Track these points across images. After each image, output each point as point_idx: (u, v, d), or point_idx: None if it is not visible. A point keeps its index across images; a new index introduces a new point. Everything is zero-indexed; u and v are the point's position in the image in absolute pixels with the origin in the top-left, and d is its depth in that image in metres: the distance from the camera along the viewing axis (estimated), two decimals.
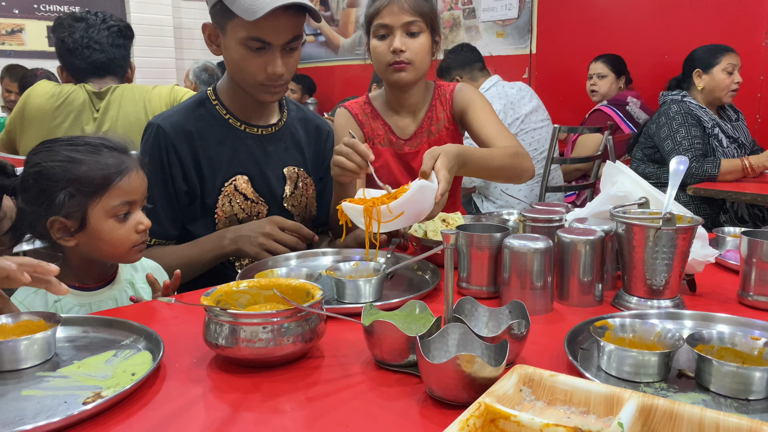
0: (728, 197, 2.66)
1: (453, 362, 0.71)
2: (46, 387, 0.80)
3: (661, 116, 2.90)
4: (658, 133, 2.88)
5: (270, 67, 1.36)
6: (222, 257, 1.41)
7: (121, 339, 0.94)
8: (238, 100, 1.49)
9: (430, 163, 1.24)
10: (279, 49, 1.35)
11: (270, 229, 1.37)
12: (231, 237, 1.39)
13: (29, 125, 2.16)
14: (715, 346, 0.82)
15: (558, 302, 1.10)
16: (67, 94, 2.13)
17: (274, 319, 0.83)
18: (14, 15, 5.76)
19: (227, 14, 1.32)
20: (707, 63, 2.91)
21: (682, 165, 1.09)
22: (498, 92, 3.23)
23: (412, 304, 0.93)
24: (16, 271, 0.85)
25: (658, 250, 1.01)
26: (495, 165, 1.52)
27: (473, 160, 1.41)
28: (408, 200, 1.15)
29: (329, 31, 6.46)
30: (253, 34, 1.32)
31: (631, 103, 3.59)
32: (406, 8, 1.61)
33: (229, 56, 1.39)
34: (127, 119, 2.12)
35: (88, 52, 2.11)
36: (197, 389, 0.80)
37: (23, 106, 2.18)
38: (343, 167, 1.30)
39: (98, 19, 2.14)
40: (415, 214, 1.18)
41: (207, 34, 1.43)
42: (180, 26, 6.57)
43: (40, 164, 1.07)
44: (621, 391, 0.67)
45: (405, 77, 1.65)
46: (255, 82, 1.39)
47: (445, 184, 1.22)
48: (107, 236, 1.09)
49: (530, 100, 3.26)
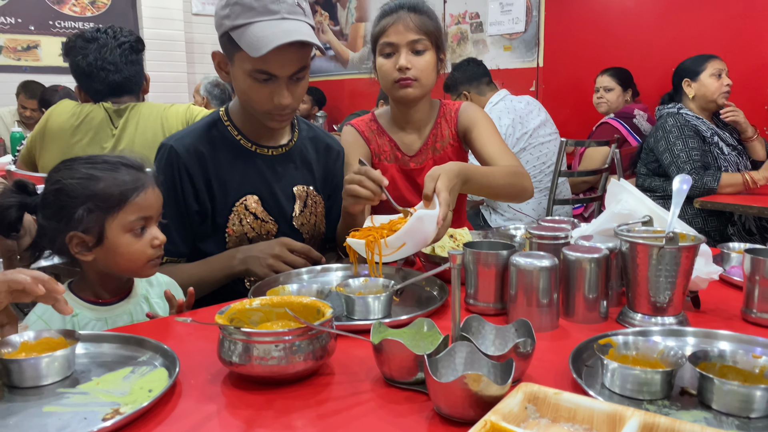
0: (735, 210, 2.66)
1: (460, 381, 0.73)
2: (67, 403, 0.83)
3: (658, 130, 2.92)
4: (657, 146, 2.91)
5: (276, 98, 1.38)
6: (231, 276, 1.44)
7: (138, 356, 0.97)
8: (248, 123, 1.52)
9: (431, 185, 1.26)
10: (285, 80, 1.37)
11: (279, 251, 1.40)
12: (240, 257, 1.42)
13: (49, 143, 2.20)
14: (717, 365, 0.84)
15: (564, 319, 1.12)
16: (87, 113, 2.17)
17: (286, 338, 0.85)
18: (30, 31, 5.86)
19: (234, 46, 1.34)
20: (693, 71, 2.95)
21: (686, 184, 1.11)
22: (506, 107, 3.25)
23: (420, 322, 0.95)
24: (31, 284, 0.88)
25: (662, 268, 1.03)
26: (496, 183, 1.55)
27: (475, 178, 1.44)
28: (407, 232, 1.18)
29: (338, 45, 6.53)
30: (258, 67, 1.34)
31: (638, 115, 3.61)
32: (411, 27, 1.65)
33: (237, 85, 1.42)
34: (145, 137, 2.15)
35: (104, 74, 2.14)
36: (212, 406, 0.83)
37: (44, 124, 2.22)
38: (357, 195, 1.31)
39: (109, 37, 2.16)
40: (417, 243, 1.21)
41: (217, 61, 1.47)
42: (192, 41, 6.66)
43: (60, 181, 1.11)
44: (623, 409, 0.69)
45: (411, 93, 1.68)
46: (262, 111, 1.42)
47: (446, 206, 1.24)
48: (124, 250, 1.13)
49: (538, 114, 3.28)
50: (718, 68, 2.92)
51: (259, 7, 1.31)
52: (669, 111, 2.96)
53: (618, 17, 4.20)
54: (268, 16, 1.31)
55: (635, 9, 4.11)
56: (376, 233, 1.22)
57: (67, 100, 2.25)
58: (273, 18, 1.32)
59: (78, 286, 1.19)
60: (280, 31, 1.30)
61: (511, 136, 3.15)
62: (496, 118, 3.16)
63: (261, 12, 1.31)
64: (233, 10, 1.33)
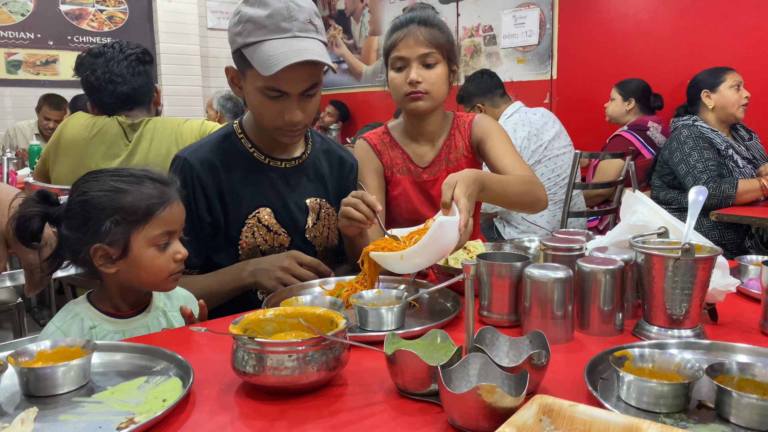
0: (752, 223, 2.63)
1: (474, 392, 0.73)
2: (82, 412, 0.83)
3: (672, 142, 2.91)
4: (672, 158, 2.89)
5: (288, 115, 1.39)
6: (241, 289, 1.44)
7: (153, 365, 0.97)
8: (262, 136, 1.53)
9: (449, 193, 1.26)
10: (296, 97, 1.38)
11: (288, 264, 1.39)
12: (250, 270, 1.42)
13: (63, 155, 2.22)
14: (735, 377, 0.82)
15: (579, 331, 1.11)
16: (101, 125, 2.18)
17: (300, 348, 0.85)
18: (49, 46, 5.97)
19: (247, 62, 1.36)
20: (712, 83, 2.94)
21: (701, 195, 1.10)
22: (521, 119, 3.25)
23: (433, 333, 0.95)
24: None
25: (678, 280, 1.02)
26: (511, 191, 1.55)
27: (491, 185, 1.44)
28: (430, 239, 1.17)
29: (352, 58, 6.58)
30: (270, 84, 1.35)
31: (652, 128, 3.59)
32: (421, 41, 1.65)
33: (250, 100, 1.44)
34: (159, 152, 2.17)
35: (112, 86, 2.16)
36: (225, 416, 0.83)
37: (58, 136, 2.25)
38: (350, 217, 1.35)
39: (116, 51, 2.18)
40: (440, 251, 1.20)
41: (230, 76, 1.48)
42: (207, 55, 6.75)
43: (88, 193, 1.12)
44: (639, 422, 0.68)
45: (422, 106, 1.69)
46: (274, 127, 1.43)
47: (467, 212, 1.24)
48: (147, 264, 1.13)
49: (552, 126, 3.27)
50: (736, 80, 2.92)
51: (271, 25, 1.32)
52: (684, 123, 2.95)
53: (631, 29, 4.20)
54: (280, 34, 1.32)
55: (649, 21, 4.11)
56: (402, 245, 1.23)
57: (81, 113, 2.28)
58: (284, 36, 1.32)
59: (97, 297, 1.19)
60: (291, 50, 1.31)
61: (527, 149, 3.15)
62: (512, 130, 3.16)
63: (273, 30, 1.32)
64: (245, 27, 1.34)
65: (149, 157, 2.15)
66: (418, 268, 1.22)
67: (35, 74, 5.92)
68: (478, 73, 3.68)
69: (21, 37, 5.85)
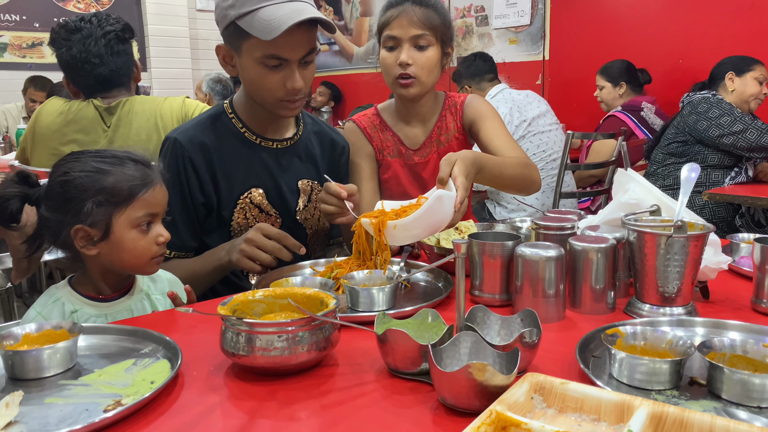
0: (743, 202, 2.64)
1: (465, 370, 0.72)
2: (69, 395, 0.82)
3: (692, 114, 2.87)
4: (696, 127, 2.85)
5: (289, 83, 1.37)
6: (220, 269, 1.41)
7: (141, 348, 0.96)
8: (254, 115, 1.51)
9: (447, 169, 1.25)
10: (296, 63, 1.37)
11: (252, 235, 1.34)
12: (227, 248, 1.39)
13: (39, 142, 2.11)
14: (726, 354, 0.82)
15: (570, 310, 1.11)
16: (75, 111, 2.06)
17: (289, 328, 0.84)
18: (35, 28, 5.88)
19: (242, 35, 1.34)
20: (741, 68, 2.95)
21: (694, 172, 1.10)
22: (504, 97, 3.29)
23: (424, 313, 0.94)
24: None
25: (670, 257, 1.02)
26: (508, 174, 1.53)
27: (488, 167, 1.43)
28: (426, 212, 1.16)
29: (343, 40, 6.51)
30: (270, 52, 1.33)
31: (646, 108, 3.58)
32: (415, 21, 1.61)
33: (247, 75, 1.41)
34: (139, 136, 2.04)
35: (89, 67, 2.00)
36: (214, 397, 0.82)
37: (33, 124, 2.13)
38: (325, 212, 1.38)
39: (93, 27, 1.99)
40: (434, 225, 1.19)
41: (222, 55, 1.45)
42: (196, 37, 6.67)
43: (69, 173, 1.10)
44: (632, 399, 0.68)
45: (411, 92, 1.67)
46: (274, 99, 1.41)
47: (464, 191, 1.23)
48: (129, 246, 1.12)
49: (538, 105, 3.29)
50: (763, 74, 2.94)
51: None
52: (703, 96, 2.92)
53: (624, 9, 4.17)
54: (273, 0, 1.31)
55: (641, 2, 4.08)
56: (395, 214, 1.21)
57: (56, 98, 2.14)
58: (278, 1, 1.31)
59: (78, 281, 1.17)
60: (291, 11, 1.30)
61: (509, 124, 3.17)
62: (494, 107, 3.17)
63: None
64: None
65: (129, 142, 2.02)
66: (410, 240, 1.21)
67: (21, 57, 5.83)
68: (472, 56, 3.70)
69: (6, 19, 5.76)
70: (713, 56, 3.15)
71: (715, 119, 2.78)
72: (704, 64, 3.19)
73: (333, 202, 1.36)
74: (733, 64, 2.98)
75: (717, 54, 3.15)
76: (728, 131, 2.74)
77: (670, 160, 2.99)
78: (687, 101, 3.00)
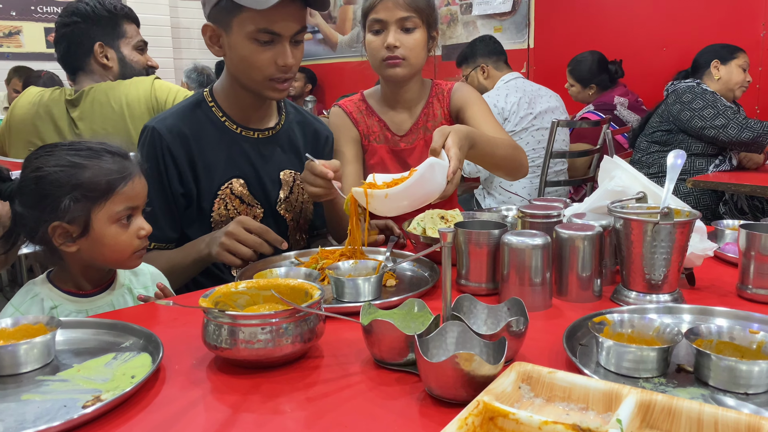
0: (727, 189, 2.66)
1: (451, 361, 0.71)
2: (46, 391, 0.80)
3: (675, 103, 2.88)
4: (679, 117, 2.86)
5: (281, 59, 1.36)
6: (200, 262, 1.38)
7: (121, 341, 0.94)
8: (236, 103, 1.48)
9: (440, 140, 1.25)
10: (288, 40, 1.36)
11: (233, 229, 1.31)
12: (207, 240, 1.36)
13: (15, 136, 2.04)
14: (713, 341, 0.82)
15: (557, 298, 1.10)
16: (47, 100, 1.98)
17: (273, 320, 0.83)
18: (11, 17, 5.75)
19: (233, 10, 1.32)
20: (725, 56, 2.96)
21: (680, 159, 1.09)
22: (516, 85, 3.24)
23: (410, 303, 0.93)
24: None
25: (656, 244, 1.01)
26: (499, 153, 1.55)
27: (481, 144, 1.43)
28: (418, 180, 1.15)
29: (327, 28, 6.45)
30: (262, 26, 1.32)
31: (619, 105, 3.57)
32: (400, 3, 1.61)
33: (236, 54, 1.38)
34: (105, 129, 1.93)
35: (56, 52, 1.96)
36: (197, 391, 0.80)
37: (9, 117, 2.07)
38: (311, 194, 1.36)
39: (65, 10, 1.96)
40: (425, 195, 1.19)
41: (208, 35, 1.42)
42: (178, 26, 6.57)
43: (42, 168, 1.06)
44: (620, 387, 0.67)
45: (399, 72, 1.65)
46: (263, 78, 1.38)
47: (457, 161, 1.23)
48: (110, 242, 1.09)
49: (548, 101, 3.24)
50: (746, 62, 2.96)
51: None
52: (688, 85, 2.92)
53: None
54: None
55: None
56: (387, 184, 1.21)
57: (32, 88, 2.07)
58: None
59: (58, 276, 1.14)
60: None
61: (516, 114, 3.13)
62: (504, 94, 3.17)
63: None
64: None
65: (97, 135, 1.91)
66: (400, 211, 1.21)
67: None
68: (486, 36, 3.64)
69: None
70: (697, 44, 3.15)
71: (699, 111, 2.79)
72: (688, 52, 3.19)
73: (319, 184, 1.33)
74: (717, 52, 2.99)
75: (700, 42, 3.16)
76: (710, 124, 2.76)
77: (654, 148, 3.01)
78: (672, 89, 3.00)
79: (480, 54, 3.51)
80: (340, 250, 1.30)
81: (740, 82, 2.95)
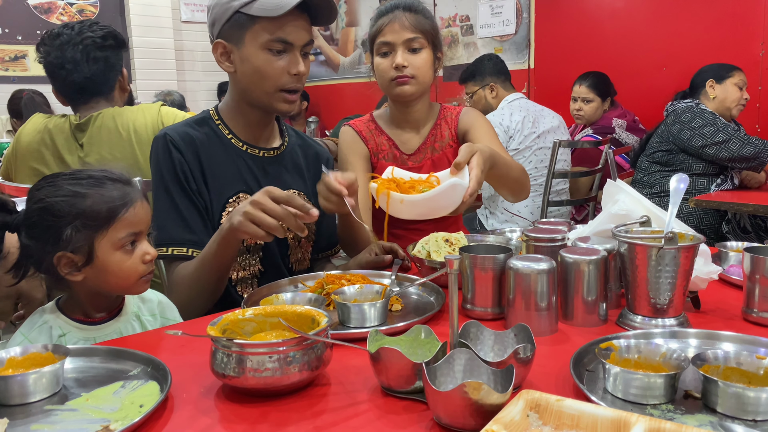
0: (730, 209, 2.66)
1: (460, 389, 0.71)
2: (55, 421, 0.80)
3: (675, 124, 2.91)
4: (679, 136, 2.88)
5: (293, 67, 1.42)
6: (223, 244, 1.30)
7: (129, 369, 0.94)
8: (241, 121, 1.51)
9: (467, 157, 1.28)
10: (299, 50, 1.42)
11: (259, 197, 1.21)
12: (228, 218, 1.28)
13: (21, 164, 2.03)
14: (720, 366, 0.82)
15: (562, 322, 1.10)
16: (52, 127, 1.97)
17: (280, 348, 0.83)
18: (17, 41, 5.82)
19: (246, 23, 1.38)
20: (721, 75, 2.99)
21: (683, 183, 1.10)
22: (520, 105, 3.29)
23: (417, 329, 0.93)
24: None
25: (661, 269, 1.02)
26: (512, 176, 1.59)
27: (498, 165, 1.46)
28: (437, 195, 1.20)
29: (329, 50, 6.52)
30: (276, 35, 1.38)
31: (617, 127, 3.60)
32: (407, 26, 1.68)
33: (249, 66, 1.42)
34: (113, 155, 1.92)
35: (64, 73, 1.92)
36: (205, 420, 0.80)
37: (16, 144, 2.06)
38: (325, 208, 1.36)
39: (73, 33, 1.91)
40: (439, 209, 1.23)
41: (219, 52, 1.45)
42: (182, 48, 6.64)
43: (44, 200, 1.07)
44: (628, 416, 0.67)
45: (408, 90, 1.70)
46: (275, 88, 1.43)
47: (476, 184, 1.26)
48: (115, 269, 1.09)
49: (551, 121, 3.27)
50: (742, 80, 2.99)
51: None
52: (687, 105, 2.95)
53: (608, 18, 4.21)
54: None
55: (625, 10, 4.13)
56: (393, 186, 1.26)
57: (38, 115, 2.05)
58: None
59: (66, 304, 1.14)
60: None
61: (520, 132, 3.16)
62: (508, 114, 3.20)
63: None
64: None
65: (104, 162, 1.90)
66: (412, 217, 1.25)
67: (4, 70, 5.77)
68: (492, 55, 3.68)
69: None
70: (696, 64, 3.18)
71: (698, 129, 2.81)
72: (687, 72, 3.22)
73: (333, 200, 1.33)
74: (713, 71, 3.02)
75: (700, 62, 3.19)
76: (711, 141, 2.77)
77: (655, 168, 3.02)
78: (671, 110, 3.03)
79: (488, 72, 3.52)
80: (346, 276, 1.30)
81: (736, 100, 2.96)
